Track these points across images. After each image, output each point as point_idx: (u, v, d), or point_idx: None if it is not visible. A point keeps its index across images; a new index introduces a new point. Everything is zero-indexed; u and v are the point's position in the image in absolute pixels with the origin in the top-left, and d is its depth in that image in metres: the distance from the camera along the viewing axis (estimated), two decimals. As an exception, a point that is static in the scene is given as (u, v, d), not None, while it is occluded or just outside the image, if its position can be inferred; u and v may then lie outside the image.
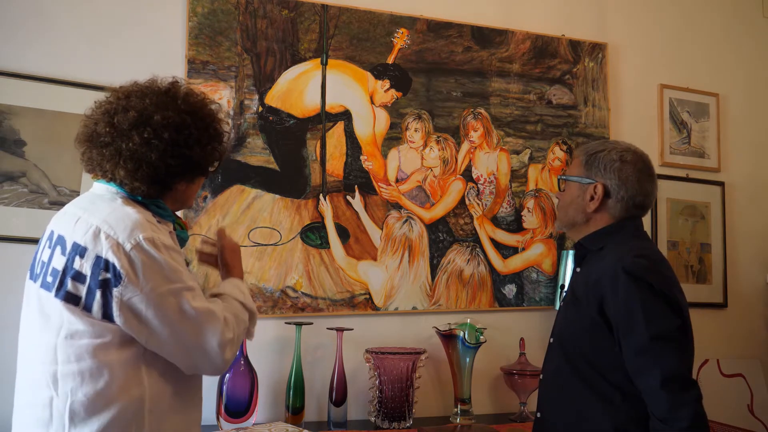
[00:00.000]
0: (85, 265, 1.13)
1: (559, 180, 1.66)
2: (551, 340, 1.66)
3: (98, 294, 1.12)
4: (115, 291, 1.11)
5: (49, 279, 1.16)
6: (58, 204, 1.98)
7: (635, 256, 1.44)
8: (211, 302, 1.23)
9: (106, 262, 1.12)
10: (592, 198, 1.55)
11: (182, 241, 1.36)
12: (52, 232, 1.22)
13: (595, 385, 1.44)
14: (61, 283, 1.14)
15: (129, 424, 1.14)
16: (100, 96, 1.28)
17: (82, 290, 1.13)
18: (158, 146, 1.20)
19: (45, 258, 1.20)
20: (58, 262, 1.16)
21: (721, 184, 2.83)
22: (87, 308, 1.13)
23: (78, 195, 1.98)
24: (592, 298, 1.46)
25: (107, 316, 1.12)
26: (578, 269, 1.64)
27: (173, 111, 1.22)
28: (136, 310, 1.12)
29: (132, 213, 1.17)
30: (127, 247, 1.13)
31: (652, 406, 1.34)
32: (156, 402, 1.18)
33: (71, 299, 1.13)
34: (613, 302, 1.41)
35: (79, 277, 1.13)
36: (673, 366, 1.33)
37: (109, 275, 1.12)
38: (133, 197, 1.24)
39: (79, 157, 1.27)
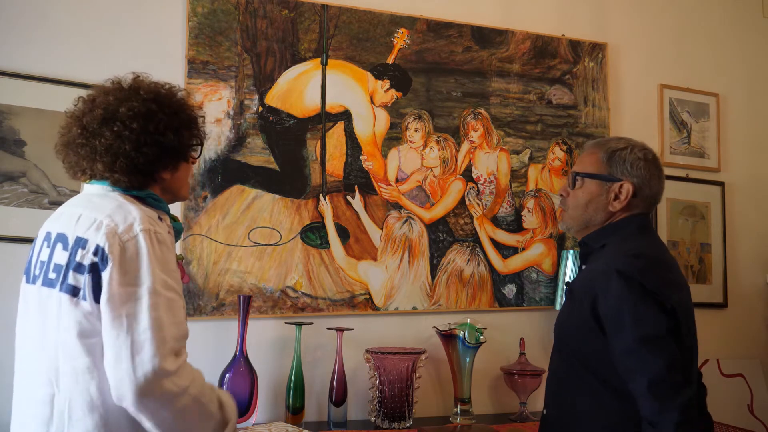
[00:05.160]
0: (86, 256, 1.14)
1: (575, 176, 1.57)
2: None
3: (88, 278, 1.13)
4: (103, 275, 1.12)
5: (52, 276, 1.17)
6: (58, 204, 1.96)
7: (630, 255, 1.41)
8: (179, 323, 1.16)
9: (98, 246, 1.13)
10: (616, 197, 1.51)
11: (177, 233, 1.36)
12: (48, 233, 1.23)
13: (589, 383, 1.43)
14: (65, 276, 1.15)
15: (122, 429, 1.14)
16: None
17: (81, 280, 1.14)
18: (129, 137, 1.22)
19: (44, 258, 1.20)
20: (61, 258, 1.17)
21: (721, 184, 2.83)
22: (83, 297, 1.13)
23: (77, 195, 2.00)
24: (586, 296, 1.44)
25: (97, 299, 1.13)
26: (583, 267, 1.63)
27: (137, 101, 1.25)
28: (104, 299, 1.12)
29: (133, 209, 1.19)
30: (124, 237, 1.14)
31: (641, 408, 1.31)
32: None
33: (72, 291, 1.14)
34: (605, 302, 1.39)
35: (79, 268, 1.14)
36: (658, 369, 1.29)
37: (97, 259, 1.13)
38: (127, 192, 1.25)
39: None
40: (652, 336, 1.32)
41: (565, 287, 2.35)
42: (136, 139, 1.22)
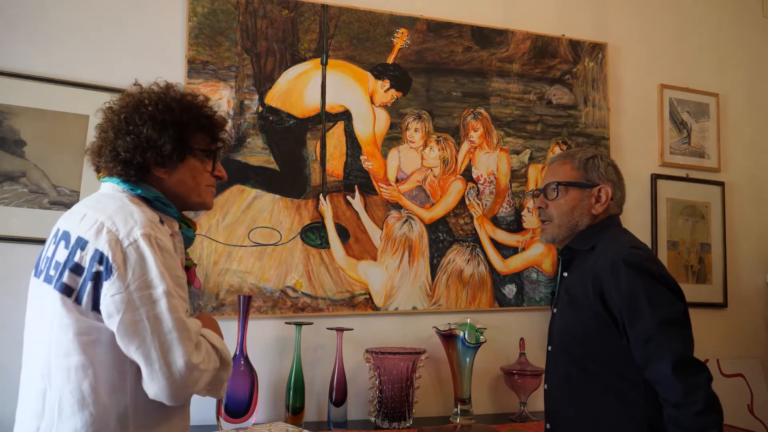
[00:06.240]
0: (85, 258, 1.15)
1: (557, 185, 1.62)
2: (549, 348, 1.65)
3: (89, 286, 1.13)
4: (105, 284, 1.12)
5: (52, 272, 1.18)
6: (58, 204, 1.98)
7: (631, 247, 1.48)
8: (189, 319, 1.19)
9: (101, 254, 1.13)
10: (597, 200, 1.59)
11: (188, 240, 1.36)
12: (57, 230, 1.24)
13: (609, 384, 1.45)
14: (60, 274, 1.16)
15: (111, 428, 1.14)
16: (100, 96, 1.32)
17: (78, 282, 1.14)
18: (115, 125, 1.26)
19: (49, 254, 1.22)
20: (61, 256, 1.18)
21: (721, 184, 2.83)
22: (78, 300, 1.14)
23: (78, 195, 2.00)
24: (592, 293, 1.46)
25: (96, 308, 1.14)
26: (565, 274, 1.64)
27: (135, 93, 1.29)
28: (115, 307, 1.12)
29: (135, 211, 1.19)
30: (125, 243, 1.14)
31: (665, 393, 1.34)
32: (140, 412, 1.17)
33: (66, 290, 1.15)
34: (616, 293, 1.42)
35: (77, 269, 1.15)
36: (681, 350, 1.35)
37: (101, 268, 1.13)
38: (133, 191, 1.26)
39: (79, 157, 1.33)
40: (671, 319, 1.37)
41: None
42: (119, 126, 1.25)
